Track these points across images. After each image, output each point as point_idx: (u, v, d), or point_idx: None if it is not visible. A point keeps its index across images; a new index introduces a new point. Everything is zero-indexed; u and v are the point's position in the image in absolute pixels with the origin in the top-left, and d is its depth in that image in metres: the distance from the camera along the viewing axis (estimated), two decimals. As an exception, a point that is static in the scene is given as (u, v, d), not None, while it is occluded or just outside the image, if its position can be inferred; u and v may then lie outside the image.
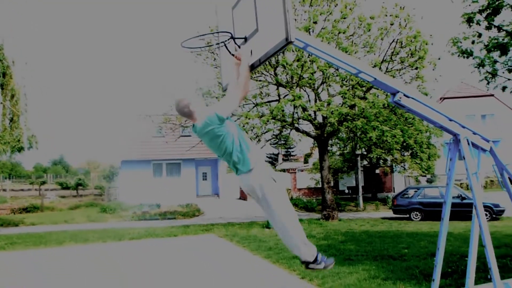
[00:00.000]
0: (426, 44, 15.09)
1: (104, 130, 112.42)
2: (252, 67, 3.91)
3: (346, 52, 13.76)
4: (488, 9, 10.47)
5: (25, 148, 18.82)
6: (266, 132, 17.63)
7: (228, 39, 4.04)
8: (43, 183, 44.74)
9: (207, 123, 3.59)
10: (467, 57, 11.29)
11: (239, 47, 4.00)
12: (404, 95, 4.20)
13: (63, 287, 7.67)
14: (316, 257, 3.95)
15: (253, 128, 16.73)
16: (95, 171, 57.42)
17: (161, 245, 12.19)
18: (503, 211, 16.89)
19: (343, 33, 15.03)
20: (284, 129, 18.12)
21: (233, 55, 3.98)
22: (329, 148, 22.38)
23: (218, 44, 4.25)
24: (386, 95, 14.19)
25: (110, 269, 9.03)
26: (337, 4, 15.13)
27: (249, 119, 15.70)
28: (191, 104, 3.70)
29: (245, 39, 3.98)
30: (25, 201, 27.90)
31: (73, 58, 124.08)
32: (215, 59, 16.57)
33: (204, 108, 3.79)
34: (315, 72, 15.38)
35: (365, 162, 30.35)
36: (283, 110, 15.71)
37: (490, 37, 11.11)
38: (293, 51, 14.98)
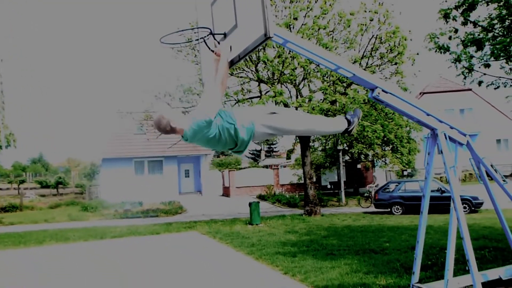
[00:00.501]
0: (405, 39, 15.25)
1: (84, 128, 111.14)
2: (232, 63, 3.91)
3: (327, 48, 13.82)
4: (464, 5, 10.61)
5: (2, 146, 18.50)
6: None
7: (207, 35, 4.03)
8: (22, 182, 44.13)
9: (196, 130, 3.53)
10: (444, 53, 11.42)
11: (218, 43, 3.99)
12: (383, 90, 4.23)
13: (44, 286, 7.58)
14: (348, 120, 4.10)
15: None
16: (75, 169, 56.83)
17: (144, 243, 12.12)
18: (481, 203, 17.17)
19: (324, 29, 15.08)
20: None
21: (212, 51, 3.97)
22: (311, 144, 22.51)
23: (197, 40, 4.23)
24: (366, 90, 14.31)
25: (92, 268, 8.94)
26: (317, 0, 15.17)
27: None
28: (171, 121, 3.63)
29: (225, 35, 3.97)
30: (4, 200, 27.44)
31: (51, 55, 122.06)
32: (196, 55, 16.48)
33: (184, 117, 3.72)
34: (296, 68, 15.42)
35: (346, 157, 30.61)
36: (264, 107, 15.71)
37: (466, 32, 11.26)
38: (273, 47, 14.99)
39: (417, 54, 15.86)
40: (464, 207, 16.72)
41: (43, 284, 7.77)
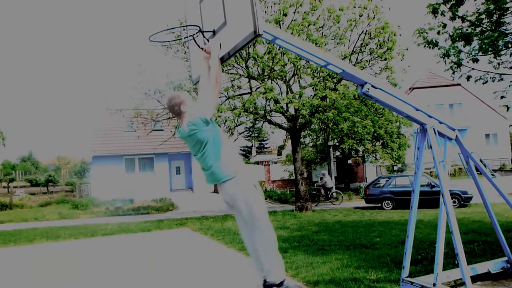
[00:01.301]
0: (394, 35, 15.28)
1: (74, 125, 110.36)
2: (222, 60, 3.90)
3: (316, 44, 13.82)
4: (452, 0, 10.64)
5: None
6: (239, 125, 17.64)
7: (197, 33, 4.01)
8: (12, 180, 43.76)
9: (193, 128, 3.56)
10: (433, 48, 11.44)
11: (208, 40, 3.97)
12: (372, 86, 4.25)
13: (37, 285, 7.53)
14: (283, 282, 3.99)
15: (226, 121, 16.78)
16: (65, 167, 56.47)
17: (135, 241, 12.08)
18: (471, 198, 17.31)
19: (313, 25, 15.09)
20: (257, 122, 18.13)
21: (202, 48, 3.96)
22: (301, 139, 22.56)
23: (186, 38, 4.21)
24: (356, 86, 14.33)
25: (83, 266, 8.90)
26: (306, -4, 15.17)
27: (221, 112, 15.66)
28: (183, 104, 3.65)
29: (214, 32, 3.95)
30: (-7, 199, 27.21)
31: (41, 52, 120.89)
32: (185, 52, 16.41)
33: (194, 112, 3.73)
34: (286, 64, 15.42)
35: (337, 153, 30.71)
36: (255, 103, 15.70)
37: (454, 27, 11.28)
38: (263, 43, 14.97)
39: (406, 49, 15.91)
40: (454, 202, 16.87)
41: (35, 284, 7.71)
